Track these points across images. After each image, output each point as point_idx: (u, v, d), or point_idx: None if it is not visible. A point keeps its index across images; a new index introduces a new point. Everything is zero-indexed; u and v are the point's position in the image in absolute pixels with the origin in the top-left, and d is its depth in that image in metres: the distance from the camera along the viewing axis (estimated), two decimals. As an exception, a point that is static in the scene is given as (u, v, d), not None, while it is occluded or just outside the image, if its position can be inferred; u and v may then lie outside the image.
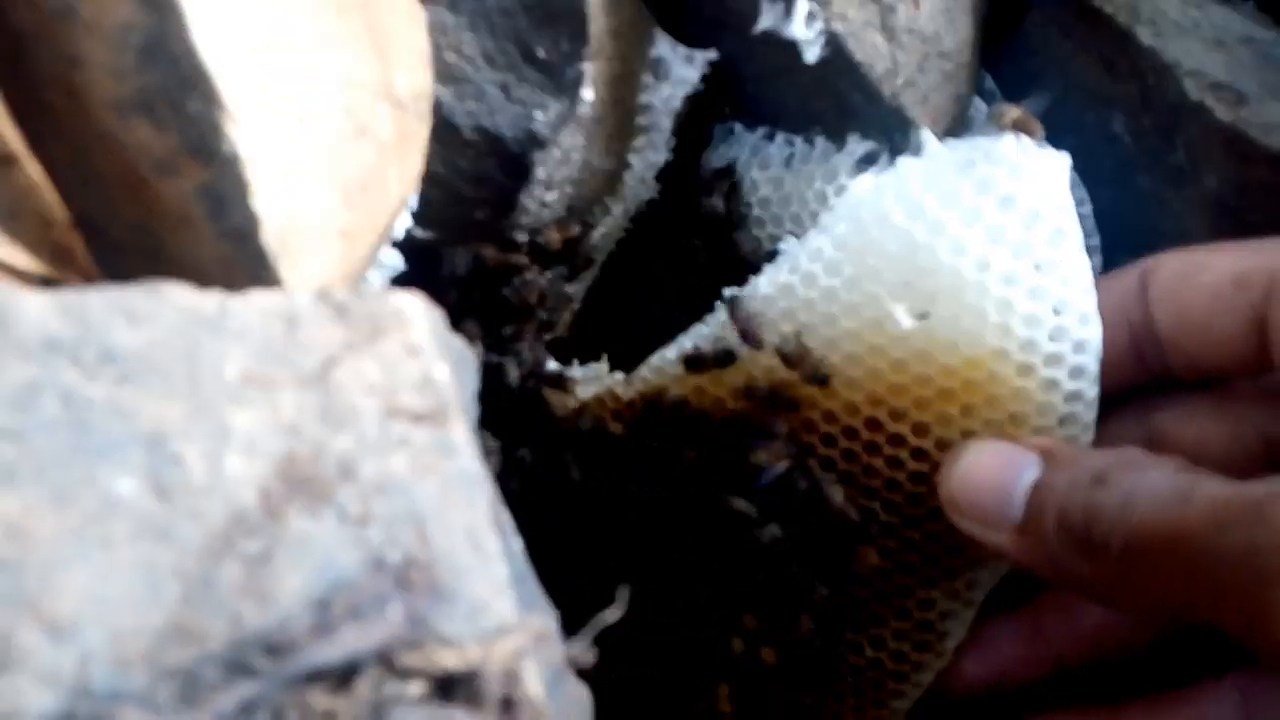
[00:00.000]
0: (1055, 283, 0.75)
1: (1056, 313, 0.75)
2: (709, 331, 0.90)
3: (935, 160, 0.78)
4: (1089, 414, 0.80)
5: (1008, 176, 0.75)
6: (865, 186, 0.84)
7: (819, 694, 0.93)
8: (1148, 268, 0.80)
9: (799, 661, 0.90)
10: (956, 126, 1.06)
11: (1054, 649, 0.86)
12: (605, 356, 0.96)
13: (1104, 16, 1.04)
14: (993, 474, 0.75)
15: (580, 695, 0.65)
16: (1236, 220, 0.94)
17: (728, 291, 0.88)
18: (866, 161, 1.00)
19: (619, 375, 0.94)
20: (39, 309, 0.43)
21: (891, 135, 0.97)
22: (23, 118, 0.58)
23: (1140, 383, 0.83)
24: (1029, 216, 0.74)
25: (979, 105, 1.10)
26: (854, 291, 0.81)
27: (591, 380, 0.95)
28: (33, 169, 0.55)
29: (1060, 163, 0.76)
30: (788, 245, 0.89)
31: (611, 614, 0.46)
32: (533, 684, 0.43)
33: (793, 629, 0.88)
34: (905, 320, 0.79)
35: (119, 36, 0.52)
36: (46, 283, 0.60)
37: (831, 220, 0.85)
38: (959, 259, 0.75)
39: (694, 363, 0.88)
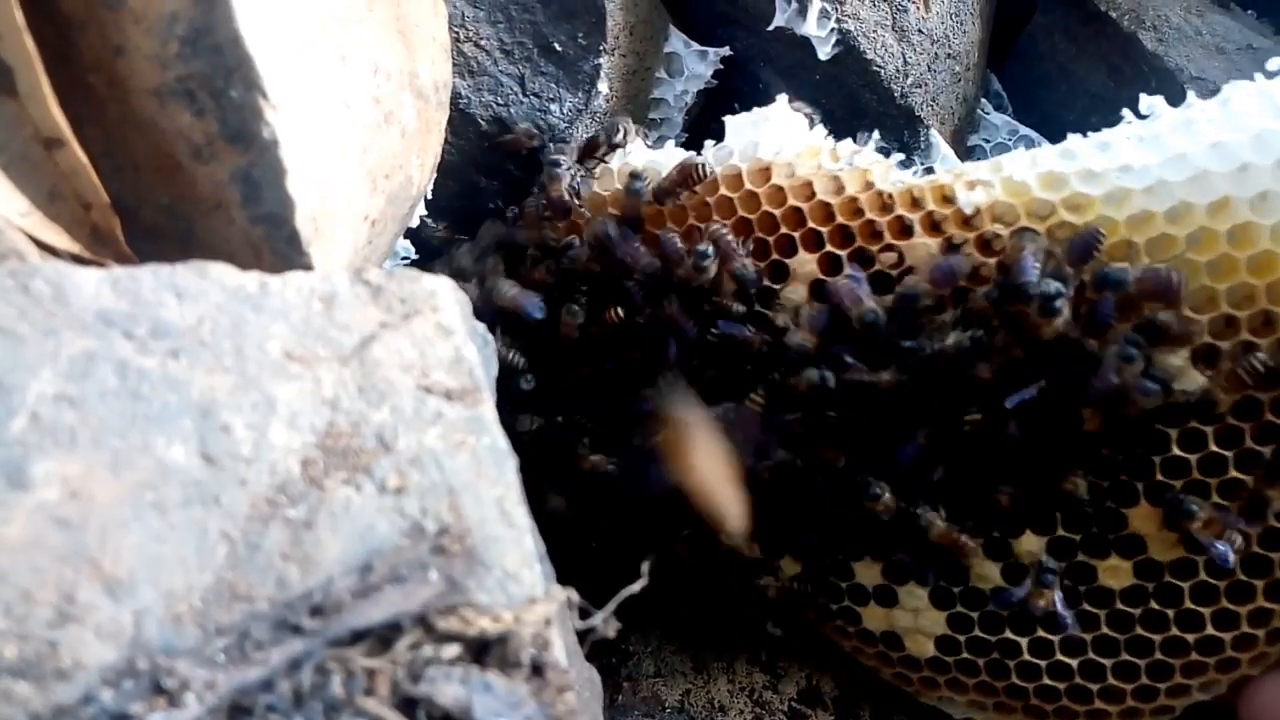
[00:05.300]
0: None
1: None
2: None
3: None
4: None
5: None
6: None
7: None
8: None
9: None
10: (964, 128, 1.08)
11: None
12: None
13: (1109, 21, 1.06)
14: None
15: (592, 676, 0.67)
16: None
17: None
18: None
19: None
20: (94, 284, 0.45)
21: (900, 134, 0.99)
22: (64, 103, 0.59)
23: None
24: None
25: (985, 107, 1.12)
26: None
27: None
28: (79, 152, 0.57)
29: None
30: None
31: (635, 587, 0.48)
32: (559, 652, 0.45)
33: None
34: None
35: (164, 26, 0.54)
36: (83, 264, 0.61)
37: None
38: None
39: None
